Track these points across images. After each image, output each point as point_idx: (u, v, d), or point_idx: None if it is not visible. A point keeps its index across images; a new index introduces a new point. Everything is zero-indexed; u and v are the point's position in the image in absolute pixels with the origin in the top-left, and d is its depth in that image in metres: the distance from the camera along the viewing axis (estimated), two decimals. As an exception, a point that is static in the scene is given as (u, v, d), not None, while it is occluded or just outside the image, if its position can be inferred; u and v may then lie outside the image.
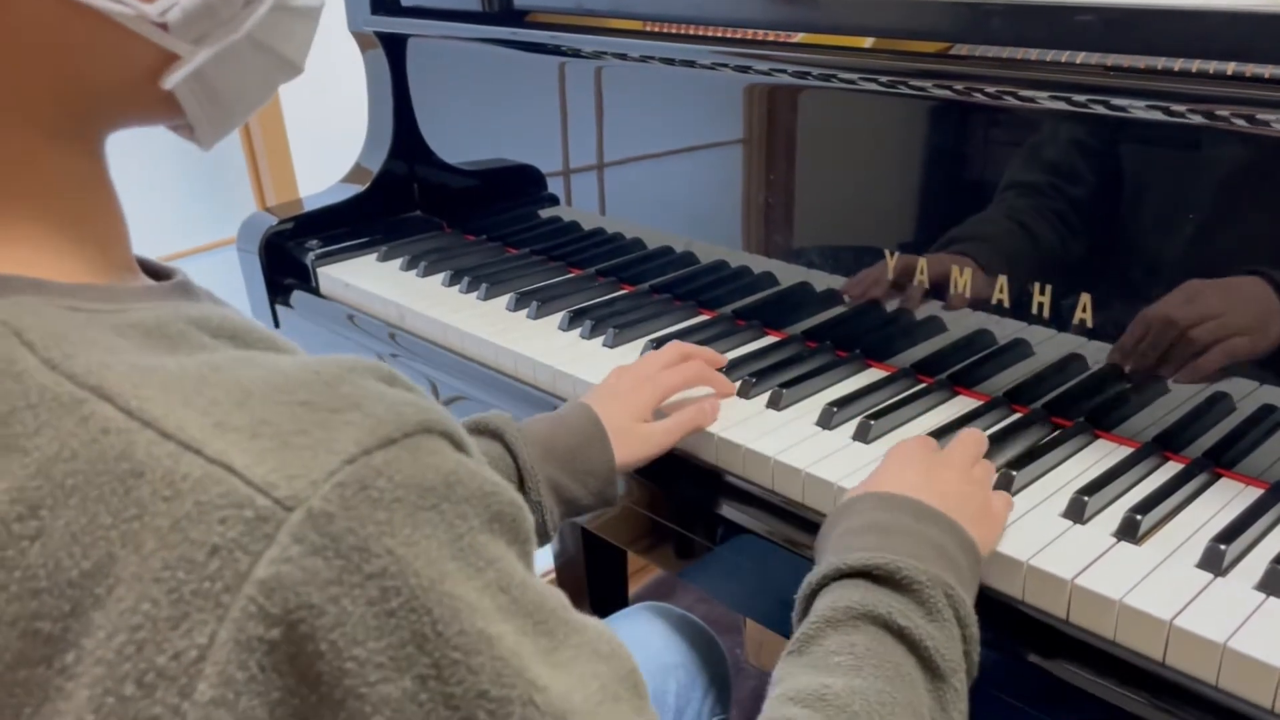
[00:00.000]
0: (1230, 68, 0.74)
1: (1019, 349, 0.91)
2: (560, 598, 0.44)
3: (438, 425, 0.40)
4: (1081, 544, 0.73)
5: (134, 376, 0.38)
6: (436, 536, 0.38)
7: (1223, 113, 0.74)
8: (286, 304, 1.38)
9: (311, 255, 1.38)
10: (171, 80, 0.45)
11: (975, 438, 0.80)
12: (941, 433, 0.86)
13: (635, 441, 0.87)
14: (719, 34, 1.04)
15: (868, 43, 0.94)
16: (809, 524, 0.83)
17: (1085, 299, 0.85)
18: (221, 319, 0.45)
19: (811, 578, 0.64)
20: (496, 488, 0.42)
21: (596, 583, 1.49)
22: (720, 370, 0.98)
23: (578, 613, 0.45)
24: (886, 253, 0.97)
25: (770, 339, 1.10)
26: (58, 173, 0.45)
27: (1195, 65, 0.75)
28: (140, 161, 1.57)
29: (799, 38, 0.98)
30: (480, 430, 0.82)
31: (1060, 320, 0.87)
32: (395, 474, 0.38)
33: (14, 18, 0.41)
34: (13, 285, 0.41)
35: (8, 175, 0.43)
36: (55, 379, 0.38)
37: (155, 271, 0.50)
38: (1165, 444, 0.84)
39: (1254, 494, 0.78)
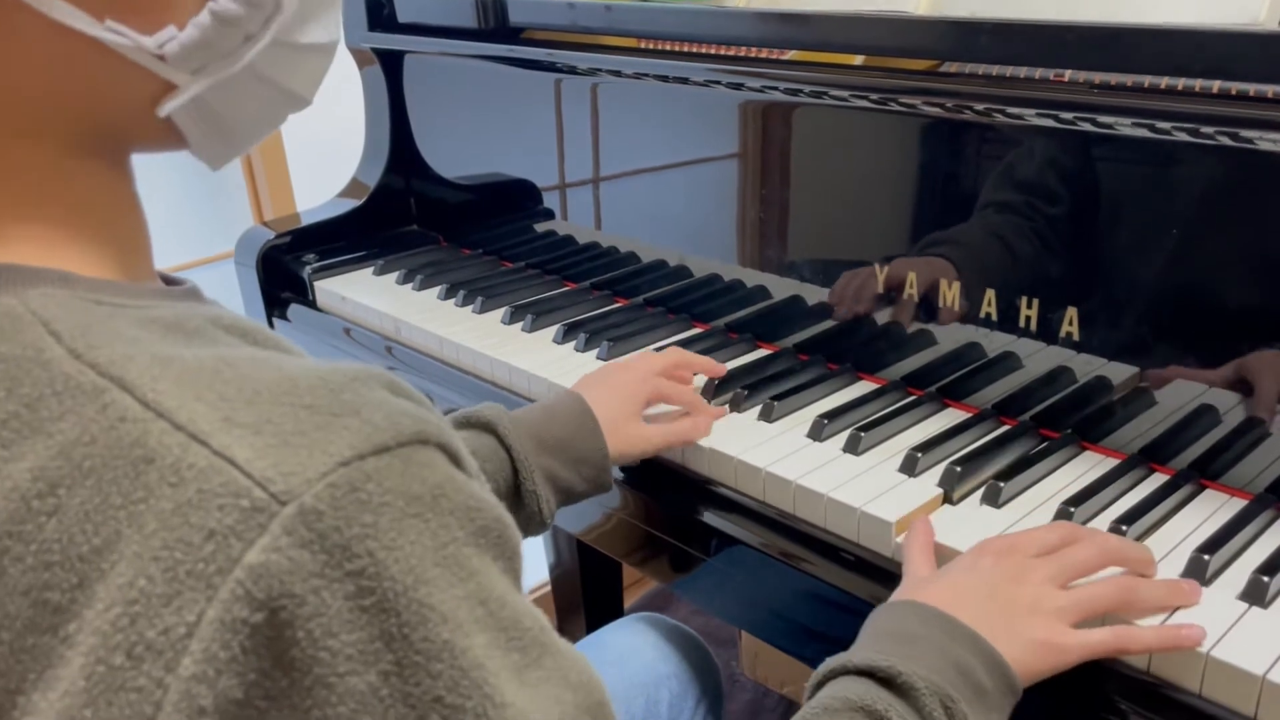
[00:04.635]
0: (1215, 86, 0.75)
1: (1007, 362, 0.92)
2: (540, 619, 0.45)
3: (434, 437, 0.42)
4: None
5: (153, 369, 0.40)
6: (421, 543, 0.40)
7: (1207, 130, 0.75)
8: (283, 317, 1.39)
9: (308, 269, 1.39)
10: (166, 108, 0.47)
11: (1084, 558, 0.70)
12: (932, 443, 0.87)
13: (624, 438, 0.89)
14: (712, 51, 1.06)
15: (858, 60, 0.95)
16: (801, 535, 0.84)
17: (1072, 312, 0.86)
18: (233, 319, 0.47)
19: (821, 668, 0.64)
20: (483, 503, 0.43)
21: (591, 595, 1.50)
22: (719, 379, 1.00)
23: (558, 638, 0.46)
24: (876, 267, 0.98)
25: (762, 352, 1.11)
26: (87, 184, 0.47)
27: (1181, 83, 0.76)
28: (138, 176, 1.58)
29: (790, 55, 1.00)
30: (472, 423, 0.83)
31: (1048, 333, 0.88)
32: (384, 480, 0.39)
33: (23, 47, 0.43)
34: (43, 277, 0.43)
35: (41, 184, 0.45)
36: (79, 368, 0.40)
37: (165, 281, 0.52)
38: (1151, 455, 0.85)
39: (1238, 505, 0.79)
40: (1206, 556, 0.71)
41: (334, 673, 0.38)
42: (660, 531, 0.95)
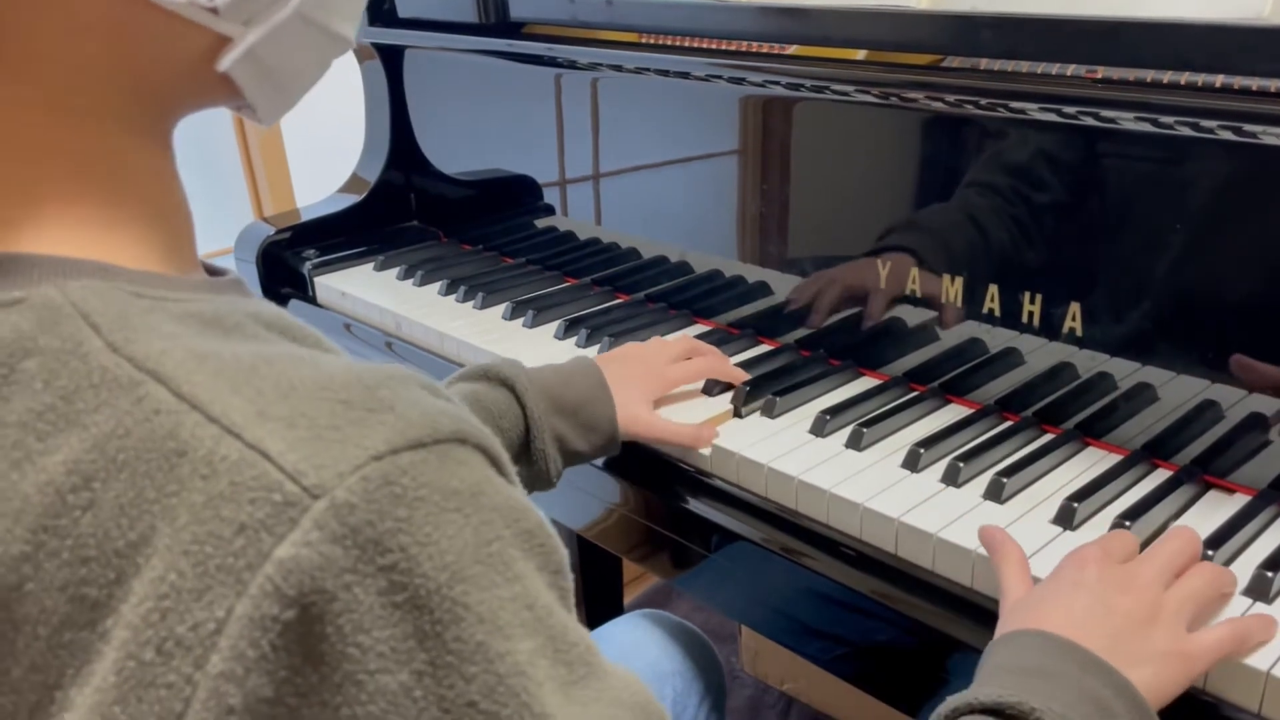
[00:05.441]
0: (1218, 80, 0.74)
1: (1010, 358, 0.92)
2: (587, 639, 0.44)
3: (473, 438, 0.41)
4: (1071, 549, 0.73)
5: (189, 363, 0.39)
6: (461, 538, 0.39)
7: (1210, 124, 0.75)
8: (284, 313, 1.39)
9: (308, 265, 1.39)
10: (225, 62, 0.46)
11: (1174, 550, 0.68)
12: (935, 439, 0.87)
13: (631, 416, 0.90)
14: (713, 46, 1.05)
15: (860, 55, 0.95)
16: (803, 531, 0.84)
17: (1075, 308, 0.86)
18: (274, 314, 0.46)
19: (942, 708, 0.60)
20: (527, 509, 0.42)
21: (591, 591, 1.50)
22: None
23: (606, 661, 0.45)
24: (879, 262, 0.98)
25: (764, 347, 1.11)
26: (133, 165, 0.47)
27: (1184, 77, 0.76)
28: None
29: (792, 50, 0.99)
30: (490, 378, 0.85)
31: (1050, 329, 0.88)
32: (420, 474, 0.39)
33: (70, 13, 0.43)
34: (83, 269, 0.42)
35: (88, 164, 0.45)
36: (116, 361, 0.39)
37: (209, 271, 0.52)
38: (1154, 451, 0.85)
39: (1241, 500, 0.79)
40: (1211, 553, 0.71)
41: (364, 670, 0.37)
42: (662, 527, 0.95)
